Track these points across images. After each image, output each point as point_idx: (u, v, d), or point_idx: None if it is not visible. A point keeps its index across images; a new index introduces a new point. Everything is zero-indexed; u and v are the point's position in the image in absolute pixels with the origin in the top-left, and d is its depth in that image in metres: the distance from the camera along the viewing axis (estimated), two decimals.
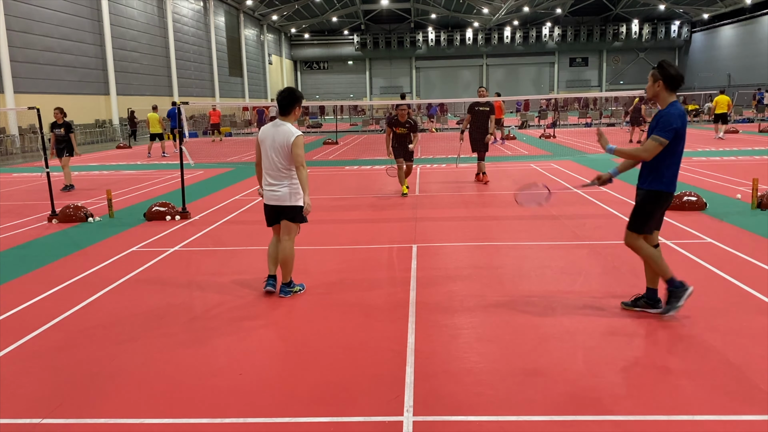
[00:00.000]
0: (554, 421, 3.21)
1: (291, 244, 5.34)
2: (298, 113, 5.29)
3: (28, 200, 11.75)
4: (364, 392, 3.59)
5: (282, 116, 5.25)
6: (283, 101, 5.20)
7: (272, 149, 5.16)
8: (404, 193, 11.07)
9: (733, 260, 6.14)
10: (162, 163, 18.91)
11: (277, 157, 5.15)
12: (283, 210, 5.27)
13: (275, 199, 5.25)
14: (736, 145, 19.03)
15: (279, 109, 5.25)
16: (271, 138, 5.18)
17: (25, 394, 3.70)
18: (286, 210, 5.26)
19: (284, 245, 5.31)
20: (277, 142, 5.13)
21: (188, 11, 41.14)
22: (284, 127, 5.16)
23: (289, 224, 5.31)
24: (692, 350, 4.07)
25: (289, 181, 5.21)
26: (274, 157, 5.16)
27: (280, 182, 5.20)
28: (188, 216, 9.34)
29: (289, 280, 5.43)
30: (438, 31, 63.20)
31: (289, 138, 5.10)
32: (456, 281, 5.76)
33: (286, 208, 5.25)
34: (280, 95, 5.21)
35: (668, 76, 4.30)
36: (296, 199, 5.23)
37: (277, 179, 5.21)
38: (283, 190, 5.20)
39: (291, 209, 5.25)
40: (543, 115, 35.70)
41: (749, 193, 9.36)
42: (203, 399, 3.58)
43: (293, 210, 5.26)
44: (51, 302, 5.43)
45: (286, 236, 5.33)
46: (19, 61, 24.17)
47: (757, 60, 47.58)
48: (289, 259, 5.33)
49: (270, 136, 5.19)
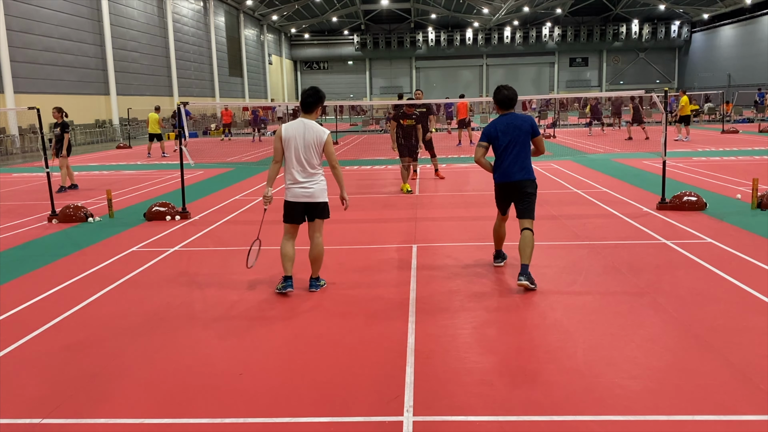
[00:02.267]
0: (554, 421, 3.21)
1: (322, 240, 5.48)
2: (320, 112, 5.45)
3: (28, 200, 11.75)
4: (364, 392, 3.59)
5: (306, 114, 5.36)
6: (308, 99, 5.31)
7: (303, 147, 5.21)
8: (409, 190, 11.15)
9: (733, 260, 6.14)
10: (162, 163, 18.91)
11: (308, 155, 5.23)
12: (315, 207, 5.35)
13: (307, 196, 5.29)
14: (736, 145, 19.03)
15: (303, 107, 5.33)
16: (300, 136, 5.21)
17: (25, 394, 3.70)
18: (318, 207, 5.35)
19: (317, 242, 5.44)
20: (308, 140, 5.20)
21: (188, 11, 41.13)
22: (314, 126, 5.26)
23: (320, 222, 5.44)
24: (692, 350, 4.07)
25: (320, 178, 5.34)
26: (304, 155, 5.23)
27: (312, 179, 5.28)
28: (188, 216, 9.34)
29: (318, 275, 5.58)
30: (438, 31, 63.20)
31: (322, 136, 5.23)
32: (456, 281, 5.76)
33: (319, 204, 5.35)
34: (305, 94, 5.33)
35: (495, 99, 5.71)
36: (325, 195, 5.39)
37: (309, 177, 5.27)
38: (315, 187, 5.30)
39: (323, 205, 5.39)
40: (543, 115, 35.71)
41: (749, 193, 9.36)
42: (203, 399, 3.57)
43: (325, 206, 5.41)
44: (51, 302, 5.43)
45: (318, 233, 5.45)
46: (19, 61, 24.16)
47: (757, 60, 47.56)
48: (322, 255, 5.49)
49: (299, 134, 5.21)
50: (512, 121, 5.62)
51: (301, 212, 5.40)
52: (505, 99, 5.67)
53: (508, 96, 5.67)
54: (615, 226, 7.91)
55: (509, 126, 5.59)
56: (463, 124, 22.34)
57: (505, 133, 5.61)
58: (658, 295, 5.12)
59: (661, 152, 9.13)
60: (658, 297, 5.09)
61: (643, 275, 5.76)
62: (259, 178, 14.25)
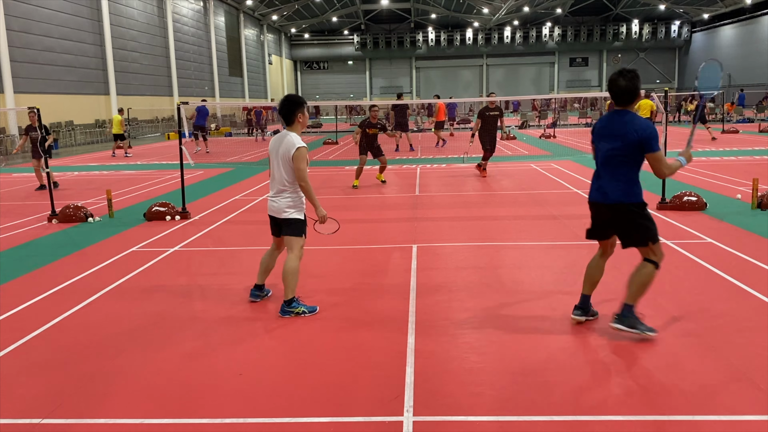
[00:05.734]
0: (554, 421, 3.21)
1: (293, 260, 4.95)
2: (304, 119, 5.00)
3: (28, 200, 11.75)
4: (364, 392, 3.59)
5: (287, 126, 5.02)
6: (282, 110, 4.96)
7: (276, 161, 5.00)
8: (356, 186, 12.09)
9: (733, 260, 6.14)
10: (162, 163, 18.91)
11: (280, 169, 4.95)
12: (281, 222, 5.04)
13: (273, 210, 5.07)
14: (736, 145, 19.03)
15: (283, 120, 5.04)
16: (275, 149, 5.01)
17: (25, 394, 3.70)
18: (284, 222, 5.02)
19: (286, 260, 4.97)
20: (281, 153, 4.93)
21: (188, 11, 41.13)
22: (288, 138, 4.93)
23: (289, 239, 4.99)
24: (692, 350, 4.06)
25: (289, 194, 4.97)
26: (276, 169, 5.00)
27: (280, 194, 5.00)
28: (188, 216, 9.33)
29: (291, 298, 4.96)
30: (438, 31, 63.19)
31: (290, 150, 4.83)
32: (456, 281, 5.76)
33: (283, 220, 5.01)
34: (280, 106, 4.97)
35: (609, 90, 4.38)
36: (292, 213, 4.95)
37: (278, 192, 5.01)
38: (280, 202, 4.98)
39: (290, 222, 4.99)
40: (543, 114, 35.69)
41: (749, 193, 9.35)
42: (203, 399, 3.57)
43: (291, 223, 4.96)
44: (51, 302, 5.43)
45: (289, 250, 5.00)
46: (19, 61, 24.16)
47: (757, 60, 47.55)
48: (287, 274, 4.92)
49: (275, 147, 5.03)
50: (616, 124, 4.20)
51: (274, 225, 5.15)
52: (619, 92, 4.21)
53: (623, 89, 4.19)
54: None
55: (611, 131, 4.23)
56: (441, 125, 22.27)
57: (602, 137, 4.33)
58: (658, 295, 5.12)
59: None
60: (658, 297, 5.08)
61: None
62: (259, 178, 14.25)
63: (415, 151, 20.08)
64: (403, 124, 20.38)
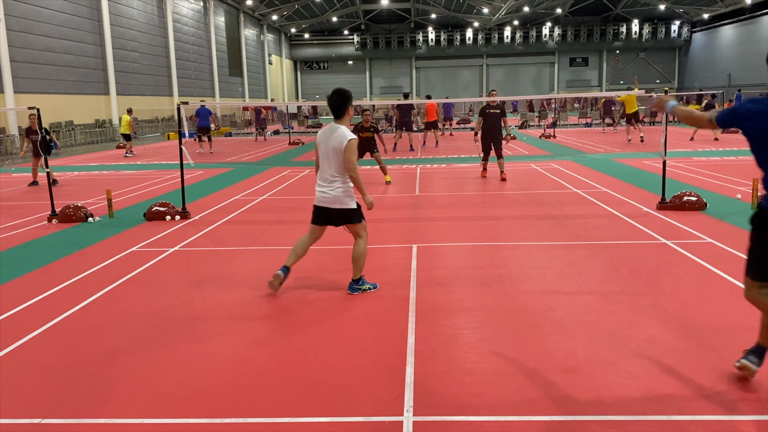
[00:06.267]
0: (554, 421, 3.21)
1: (362, 243, 5.37)
2: (351, 113, 5.32)
3: (28, 200, 11.75)
4: (364, 392, 3.59)
5: (336, 120, 5.28)
6: (335, 105, 5.20)
7: (326, 152, 5.22)
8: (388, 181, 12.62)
9: (733, 260, 6.14)
10: (162, 163, 18.91)
11: (330, 161, 5.20)
12: (334, 213, 5.28)
13: (324, 201, 5.29)
14: (736, 145, 19.02)
15: (332, 113, 5.27)
16: (325, 141, 5.24)
17: (25, 394, 3.70)
18: (338, 213, 5.27)
19: (355, 245, 5.38)
20: (330, 145, 5.18)
21: (188, 11, 41.12)
22: (339, 131, 5.17)
23: (354, 226, 5.35)
24: (692, 350, 4.06)
25: (340, 184, 5.22)
26: (327, 160, 5.23)
27: (330, 185, 5.23)
28: (188, 216, 9.33)
29: (359, 277, 5.44)
30: (438, 31, 63.18)
31: (342, 143, 5.10)
32: (456, 281, 5.76)
33: (336, 211, 5.26)
34: (331, 99, 5.20)
35: None
36: (347, 202, 5.24)
37: (328, 182, 5.24)
38: (332, 193, 5.23)
39: (345, 212, 5.27)
40: (543, 114, 35.70)
41: (749, 193, 9.35)
42: (203, 399, 3.57)
43: (346, 212, 5.28)
44: (51, 302, 5.43)
45: (357, 236, 5.38)
46: (19, 61, 24.16)
47: (757, 60, 47.45)
48: (359, 257, 5.36)
49: (325, 139, 5.25)
50: None
51: (320, 216, 5.39)
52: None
53: None
54: (615, 226, 7.91)
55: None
56: (431, 125, 22.25)
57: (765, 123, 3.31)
58: (658, 295, 5.12)
59: (661, 152, 9.14)
60: (658, 297, 5.09)
61: (643, 275, 5.76)
62: (259, 178, 14.25)
63: (414, 151, 20.08)
64: (407, 123, 20.42)
